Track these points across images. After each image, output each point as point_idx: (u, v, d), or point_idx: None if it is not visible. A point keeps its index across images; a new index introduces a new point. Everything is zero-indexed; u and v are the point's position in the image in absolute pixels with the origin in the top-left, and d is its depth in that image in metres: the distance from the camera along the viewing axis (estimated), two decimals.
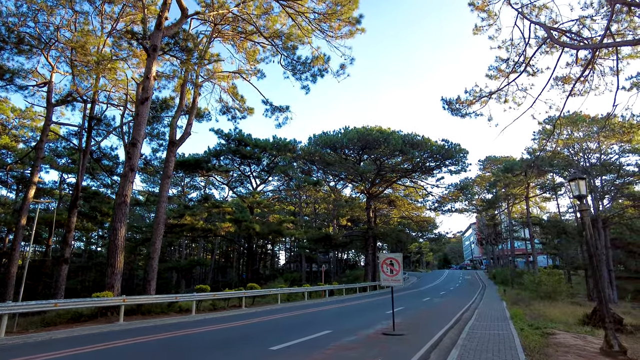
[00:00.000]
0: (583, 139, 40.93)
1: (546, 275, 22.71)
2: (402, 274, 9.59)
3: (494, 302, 21.94)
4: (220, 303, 20.99)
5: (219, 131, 35.53)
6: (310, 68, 21.64)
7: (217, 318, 15.54)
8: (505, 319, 12.62)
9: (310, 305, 21.66)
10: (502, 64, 20.42)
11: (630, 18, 17.78)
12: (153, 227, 20.90)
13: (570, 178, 7.80)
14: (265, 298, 25.47)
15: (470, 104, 20.71)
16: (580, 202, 7.73)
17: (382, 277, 9.93)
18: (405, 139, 36.75)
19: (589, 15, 18.54)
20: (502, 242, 63.76)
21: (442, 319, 13.62)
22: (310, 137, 39.75)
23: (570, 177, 7.81)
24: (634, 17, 17.57)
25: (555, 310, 16.35)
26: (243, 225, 30.99)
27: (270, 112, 26.29)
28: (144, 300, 15.50)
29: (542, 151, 41.23)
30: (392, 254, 9.95)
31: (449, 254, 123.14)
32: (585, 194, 7.64)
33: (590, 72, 19.25)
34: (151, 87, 16.88)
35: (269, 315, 16.06)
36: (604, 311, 6.95)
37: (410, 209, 50.99)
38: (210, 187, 59.68)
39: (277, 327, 11.87)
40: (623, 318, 12.14)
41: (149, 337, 10.01)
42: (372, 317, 13.98)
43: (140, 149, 16.78)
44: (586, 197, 7.61)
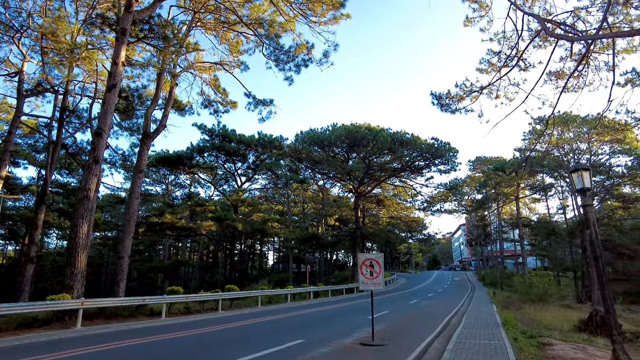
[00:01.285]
0: (573, 139, 40.52)
1: (537, 277, 21.91)
2: (384, 276, 8.55)
3: (484, 305, 21.08)
4: (195, 306, 19.80)
5: (202, 126, 34.27)
6: (293, 58, 20.58)
7: (188, 323, 14.37)
8: (496, 325, 11.68)
9: (292, 308, 20.57)
10: (493, 57, 19.55)
11: (626, 10, 17.02)
12: (123, 225, 19.63)
13: (573, 169, 6.84)
14: (245, 300, 24.30)
15: (461, 99, 19.83)
16: (583, 196, 6.76)
17: (361, 280, 8.89)
18: (394, 137, 35.85)
19: (584, 6, 17.72)
20: (492, 243, 63.33)
21: (429, 324, 12.63)
22: (297, 134, 38.69)
23: (572, 168, 6.86)
24: (630, 9, 16.82)
25: (548, 314, 15.49)
26: (225, 224, 29.76)
27: (253, 105, 25.17)
28: (107, 303, 14.27)
29: (533, 151, 40.74)
30: (372, 254, 8.93)
31: (438, 254, 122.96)
32: (589, 186, 6.69)
33: (584, 67, 18.49)
34: (119, 73, 15.65)
35: (244, 320, 14.93)
36: (611, 322, 5.99)
37: (399, 208, 50.19)
38: (196, 185, 58.30)
39: (246, 334, 10.76)
40: (622, 324, 11.28)
41: (99, 346, 8.83)
42: (354, 323, 12.94)
43: (106, 139, 15.54)
44: (591, 190, 6.65)
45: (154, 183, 58.22)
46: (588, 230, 6.45)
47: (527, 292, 22.06)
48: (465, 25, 18.87)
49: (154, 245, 62.24)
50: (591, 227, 6.45)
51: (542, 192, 49.02)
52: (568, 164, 41.27)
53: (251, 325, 12.94)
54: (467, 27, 18.86)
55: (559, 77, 19.38)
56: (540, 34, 18.12)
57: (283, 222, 37.28)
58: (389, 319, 14.21)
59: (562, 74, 19.26)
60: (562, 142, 40.38)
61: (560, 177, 46.06)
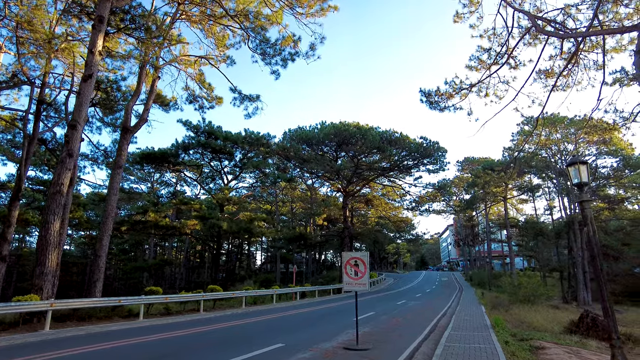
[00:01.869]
0: (560, 140, 40.72)
1: (526, 278, 21.69)
2: (369, 276, 8.04)
3: (472, 306, 20.77)
4: (176, 307, 19.13)
5: (187, 122, 33.39)
6: (280, 52, 20.01)
7: (166, 325, 13.71)
8: (486, 327, 11.29)
9: (277, 309, 20.01)
10: (483, 54, 19.26)
11: (616, 8, 16.88)
12: (100, 222, 18.82)
13: (569, 162, 6.43)
14: (229, 301, 23.67)
15: (450, 96, 19.51)
16: (580, 192, 6.35)
17: (345, 280, 8.38)
18: (383, 136, 35.52)
19: (575, 3, 17.54)
20: (479, 244, 63.52)
21: (416, 327, 12.19)
22: (285, 132, 38.12)
23: (569, 162, 6.45)
24: (620, 7, 16.67)
25: (537, 315, 15.19)
26: (209, 223, 29.02)
27: (238, 100, 24.53)
28: (80, 304, 13.51)
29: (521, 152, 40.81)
30: (357, 252, 8.43)
31: (426, 255, 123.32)
32: (587, 181, 6.28)
33: (574, 65, 18.32)
34: (96, 63, 14.90)
35: (225, 322, 14.33)
36: (610, 325, 5.58)
37: (388, 208, 49.92)
38: (182, 183, 57.27)
39: (224, 337, 10.17)
40: None
41: (62, 351, 8.16)
42: (339, 325, 12.44)
43: (81, 132, 14.77)
44: (588, 184, 6.24)
45: (139, 181, 57.03)
46: (585, 228, 6.04)
47: (515, 292, 21.83)
48: (455, 21, 18.60)
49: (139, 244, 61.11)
50: (589, 223, 6.04)
51: (530, 192, 49.22)
52: (555, 165, 41.48)
53: (231, 328, 12.35)
54: (457, 24, 18.57)
55: (548, 76, 19.16)
56: (531, 31, 17.90)
57: (270, 222, 36.61)
58: (375, 320, 13.73)
59: (551, 73, 19.04)
60: (550, 142, 40.54)
61: (547, 178, 46.31)
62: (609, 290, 23.57)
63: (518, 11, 16.54)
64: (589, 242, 6.05)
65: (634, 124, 17.32)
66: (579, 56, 18.02)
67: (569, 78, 18.90)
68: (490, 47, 18.94)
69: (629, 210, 45.05)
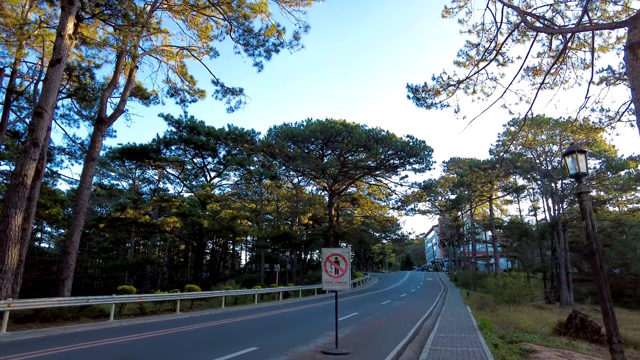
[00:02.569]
0: (546, 142, 40.94)
1: (511, 278, 21.43)
2: (350, 274, 7.44)
3: (458, 306, 20.39)
4: (151, 307, 18.27)
5: (169, 117, 32.36)
6: (264, 42, 19.30)
7: (135, 326, 12.92)
8: (473, 329, 10.81)
9: (258, 309, 19.31)
10: (472, 49, 18.91)
11: (604, 6, 16.72)
12: (71, 218, 17.84)
13: (566, 152, 5.94)
14: (209, 301, 22.88)
15: (437, 93, 19.09)
16: (579, 182, 5.86)
17: (325, 279, 7.79)
18: (370, 134, 35.05)
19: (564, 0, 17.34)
20: (464, 244, 63.71)
21: (400, 328, 11.65)
22: (270, 128, 37.36)
23: (566, 151, 5.96)
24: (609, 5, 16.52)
25: (524, 316, 14.83)
26: (190, 220, 28.11)
27: (221, 94, 23.71)
28: (43, 304, 12.61)
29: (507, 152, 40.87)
30: (337, 249, 7.83)
31: (411, 255, 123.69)
32: (585, 171, 5.79)
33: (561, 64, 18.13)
34: (65, 47, 13.99)
35: (201, 323, 13.60)
36: (611, 329, 5.08)
37: (373, 207, 49.54)
38: (165, 181, 56.02)
39: (195, 339, 9.46)
40: (601, 327, 10.65)
41: (11, 356, 7.36)
42: (319, 326, 11.83)
43: (48, 120, 13.84)
44: (587, 175, 5.75)
45: (120, 178, 55.57)
46: (584, 222, 5.55)
47: (500, 293, 21.55)
48: (444, 16, 18.23)
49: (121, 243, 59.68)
50: (587, 217, 5.55)
51: (515, 193, 49.43)
52: (540, 166, 41.69)
53: (204, 329, 11.63)
54: (446, 19, 18.20)
55: (536, 74, 18.92)
56: (519, 27, 17.62)
57: (254, 220, 35.82)
58: (358, 321, 13.16)
59: (539, 70, 18.80)
60: (535, 143, 40.70)
61: (532, 179, 46.55)
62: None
63: (507, 6, 16.23)
64: (588, 237, 5.56)
65: (619, 123, 17.15)
66: (567, 54, 17.82)
67: (557, 76, 18.70)
68: (479, 42, 18.61)
69: (610, 212, 45.61)
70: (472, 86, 19.36)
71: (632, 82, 11.09)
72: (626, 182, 39.50)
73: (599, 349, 9.44)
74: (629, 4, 16.02)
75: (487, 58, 18.45)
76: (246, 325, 12.89)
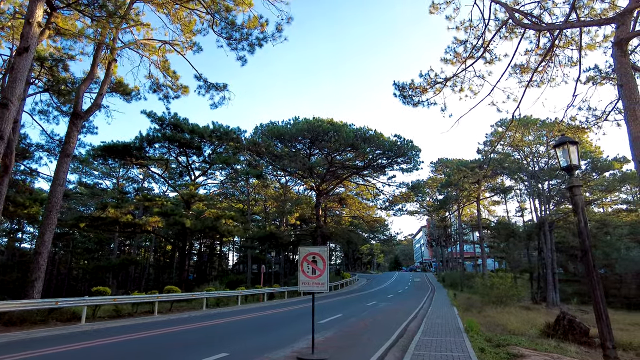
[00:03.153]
0: (533, 142, 41.09)
1: (498, 279, 21.18)
2: (328, 274, 6.93)
3: (444, 307, 20.06)
4: (127, 309, 17.54)
5: (152, 114, 31.49)
6: (247, 36, 18.75)
7: (107, 329, 12.24)
8: (459, 331, 10.41)
9: (240, 311, 18.72)
10: (459, 46, 18.62)
11: (592, 4, 16.61)
12: (43, 217, 17.04)
13: (557, 142, 5.55)
14: (191, 303, 22.19)
15: (424, 90, 18.77)
16: (570, 175, 5.46)
17: (301, 280, 7.28)
18: (357, 133, 34.66)
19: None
20: (452, 245, 63.80)
21: (384, 331, 11.20)
22: (256, 127, 36.71)
23: (557, 142, 5.57)
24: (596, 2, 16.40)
25: (511, 317, 14.52)
26: (171, 220, 27.34)
27: (204, 89, 23.00)
28: (5, 307, 11.87)
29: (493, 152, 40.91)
30: (315, 247, 7.33)
31: (400, 256, 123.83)
32: (577, 163, 5.40)
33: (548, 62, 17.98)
34: (34, 35, 13.23)
35: (178, 325, 13.01)
36: (605, 334, 4.69)
37: (361, 208, 49.18)
38: (150, 180, 54.93)
39: (165, 343, 8.87)
40: (589, 328, 10.36)
41: None
42: (300, 329, 11.32)
43: (15, 111, 13.06)
44: (578, 167, 5.35)
45: (104, 177, 54.33)
46: (576, 217, 5.15)
47: (487, 293, 21.29)
48: (431, 12, 17.91)
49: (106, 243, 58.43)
50: (579, 213, 5.14)
51: (503, 194, 49.56)
52: (527, 167, 41.81)
53: (178, 332, 11.03)
54: (433, 15, 17.87)
55: (523, 71, 18.71)
56: (507, 24, 17.39)
57: (239, 220, 35.13)
58: (340, 324, 12.68)
59: (527, 68, 18.60)
60: (523, 144, 40.81)
61: (519, 180, 46.73)
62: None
63: (495, 2, 15.97)
64: (580, 234, 5.16)
65: (606, 122, 16.99)
66: (554, 52, 17.65)
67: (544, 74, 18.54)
68: (467, 39, 18.33)
69: (595, 213, 45.99)
70: (460, 84, 19.09)
71: (619, 78, 10.83)
72: (611, 183, 39.84)
73: (588, 351, 9.11)
74: (616, 1, 15.88)
75: (475, 55, 18.19)
76: (224, 327, 12.32)
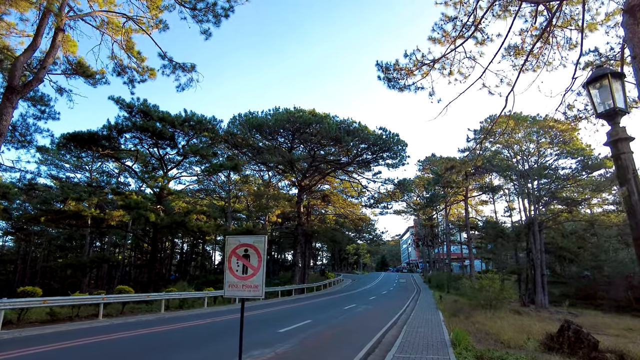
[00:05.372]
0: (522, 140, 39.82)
1: (488, 281, 19.45)
2: (264, 273, 4.91)
3: (429, 311, 18.24)
4: (68, 311, 15.33)
5: (120, 100, 29.07)
6: (212, 6, 16.70)
7: (22, 339, 10.09)
8: (444, 344, 8.56)
9: (203, 314, 16.67)
10: (447, 23, 16.72)
11: None
12: None
13: (592, 77, 3.67)
14: (151, 305, 20.04)
15: (410, 73, 16.83)
16: (613, 125, 3.57)
17: (227, 280, 5.27)
18: (341, 126, 32.72)
19: None
20: (439, 245, 62.41)
21: (353, 343, 9.29)
22: (234, 116, 34.48)
23: (591, 77, 3.69)
24: None
25: (503, 324, 12.73)
26: (134, 213, 25.10)
27: (169, 69, 20.76)
28: None
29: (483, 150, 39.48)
30: (248, 237, 5.35)
31: (387, 256, 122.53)
32: (624, 107, 3.51)
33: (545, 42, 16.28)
34: None
35: (122, 332, 11.04)
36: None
37: (345, 205, 47.30)
38: (126, 174, 52.25)
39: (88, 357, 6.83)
40: (599, 341, 8.62)
41: None
42: (255, 338, 9.35)
43: None
44: (626, 113, 3.43)
45: (75, 170, 51.48)
46: (623, 187, 3.25)
47: (476, 296, 19.57)
48: None
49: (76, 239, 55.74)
50: (631, 181, 3.27)
51: (492, 192, 48.21)
52: (517, 166, 40.48)
53: (105, 343, 8.98)
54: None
55: (518, 53, 17.01)
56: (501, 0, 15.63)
57: (214, 216, 32.92)
58: (304, 333, 10.71)
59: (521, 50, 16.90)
60: (513, 142, 39.45)
61: (508, 179, 45.43)
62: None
63: None
64: (630, 213, 3.25)
65: None
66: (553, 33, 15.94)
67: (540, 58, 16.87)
68: (456, 16, 16.45)
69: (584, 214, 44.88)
70: (449, 66, 17.24)
71: (631, 49, 9.06)
72: (602, 183, 38.64)
73: None
74: None
75: (465, 35, 16.35)
76: (163, 336, 10.30)
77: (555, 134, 38.52)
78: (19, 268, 57.22)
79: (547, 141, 39.50)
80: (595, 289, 38.58)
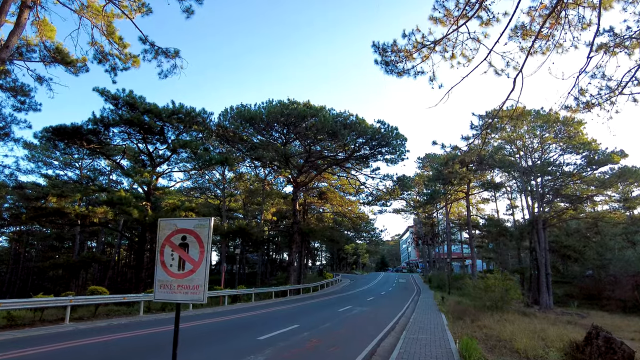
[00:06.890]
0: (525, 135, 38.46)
1: (494, 280, 18.03)
2: (208, 270, 3.49)
3: (431, 314, 16.82)
4: (29, 315, 13.92)
5: (105, 91, 27.59)
6: None
7: None
8: (450, 356, 7.15)
9: (187, 317, 15.22)
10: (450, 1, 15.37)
11: None
12: None
13: None
14: (132, 307, 18.64)
15: (409, 56, 15.33)
16: None
17: (158, 278, 3.88)
18: (338, 119, 31.28)
19: None
20: (439, 245, 61.03)
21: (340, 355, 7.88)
22: (226, 109, 33.03)
23: None
24: None
25: (514, 328, 11.31)
26: (117, 209, 23.72)
27: (150, 54, 19.38)
28: None
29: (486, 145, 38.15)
30: (188, 220, 3.93)
31: (386, 256, 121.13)
32: None
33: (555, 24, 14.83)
34: None
35: (87, 338, 9.65)
36: None
37: (343, 203, 45.88)
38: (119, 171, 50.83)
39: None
40: (635, 351, 7.25)
41: None
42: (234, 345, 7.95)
43: None
44: None
45: (65, 167, 50.01)
46: None
47: (480, 297, 18.17)
48: None
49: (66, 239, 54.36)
50: None
51: (494, 189, 46.82)
52: (519, 162, 39.15)
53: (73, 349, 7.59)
54: None
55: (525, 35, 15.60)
56: None
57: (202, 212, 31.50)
58: (286, 341, 9.28)
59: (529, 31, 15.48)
60: (516, 137, 38.07)
61: (511, 176, 44.12)
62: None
63: None
64: None
65: (621, 97, 13.61)
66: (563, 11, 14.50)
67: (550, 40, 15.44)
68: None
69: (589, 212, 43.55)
70: (451, 49, 15.72)
71: None
72: (609, 179, 37.23)
73: None
74: None
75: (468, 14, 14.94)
76: (127, 343, 8.90)
77: (559, 128, 37.21)
78: (9, 268, 56.07)
79: (551, 136, 38.10)
80: (600, 289, 37.30)
